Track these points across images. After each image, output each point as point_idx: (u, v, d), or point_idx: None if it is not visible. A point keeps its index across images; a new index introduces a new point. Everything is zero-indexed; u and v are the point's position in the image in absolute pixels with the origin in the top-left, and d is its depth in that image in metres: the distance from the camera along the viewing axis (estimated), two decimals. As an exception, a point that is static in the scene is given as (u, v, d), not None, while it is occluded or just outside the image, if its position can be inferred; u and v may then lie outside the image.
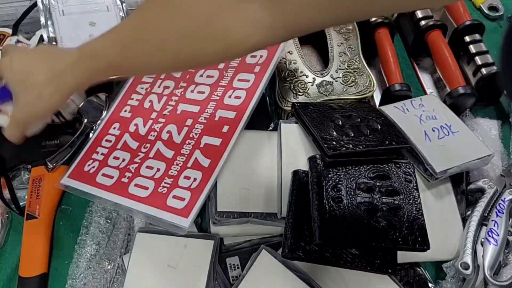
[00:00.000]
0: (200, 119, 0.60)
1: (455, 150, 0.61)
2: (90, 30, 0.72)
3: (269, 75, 0.60)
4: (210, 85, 0.63)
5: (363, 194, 0.53)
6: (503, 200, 0.60)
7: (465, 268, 0.55)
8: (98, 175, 0.60)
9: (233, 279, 0.57)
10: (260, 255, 0.54)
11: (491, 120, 0.71)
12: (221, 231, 0.58)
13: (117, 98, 0.67)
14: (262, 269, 0.53)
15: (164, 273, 0.55)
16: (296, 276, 0.52)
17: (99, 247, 0.61)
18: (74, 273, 0.60)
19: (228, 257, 0.58)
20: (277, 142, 0.61)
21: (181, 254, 0.56)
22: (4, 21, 0.77)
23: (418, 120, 0.64)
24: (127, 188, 0.57)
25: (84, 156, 0.63)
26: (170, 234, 0.56)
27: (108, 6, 0.75)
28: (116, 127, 0.64)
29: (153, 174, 0.57)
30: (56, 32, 0.71)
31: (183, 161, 0.57)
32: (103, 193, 0.58)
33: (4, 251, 0.64)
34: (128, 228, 0.62)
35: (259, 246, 0.55)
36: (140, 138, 0.62)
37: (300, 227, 0.52)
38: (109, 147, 0.62)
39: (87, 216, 0.64)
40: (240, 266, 0.58)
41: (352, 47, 0.71)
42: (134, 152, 0.61)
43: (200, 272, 0.55)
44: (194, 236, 0.57)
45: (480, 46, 0.72)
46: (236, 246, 0.60)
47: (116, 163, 0.60)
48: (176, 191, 0.55)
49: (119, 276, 0.59)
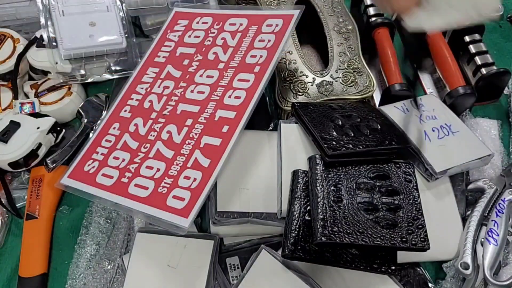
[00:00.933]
0: (200, 119, 0.60)
1: (455, 150, 0.61)
2: (90, 31, 0.72)
3: (269, 75, 0.60)
4: (210, 85, 0.63)
5: (363, 194, 0.53)
6: (503, 200, 0.60)
7: (465, 268, 0.55)
8: (98, 175, 0.60)
9: (233, 279, 0.57)
10: (260, 255, 0.54)
11: (491, 120, 0.71)
12: (221, 231, 0.58)
13: (117, 98, 0.67)
14: (262, 269, 0.53)
15: (164, 273, 0.55)
16: (296, 276, 0.52)
17: (99, 247, 0.61)
18: (74, 273, 0.60)
19: (228, 257, 0.58)
20: (277, 142, 0.61)
21: (181, 254, 0.56)
22: (4, 22, 0.77)
23: (418, 120, 0.64)
24: (127, 188, 0.57)
25: (84, 156, 0.63)
26: (170, 234, 0.56)
27: (108, 6, 0.75)
28: (116, 127, 0.64)
29: (153, 174, 0.57)
30: (56, 33, 0.71)
31: (183, 161, 0.57)
32: (103, 193, 0.58)
33: (4, 251, 0.64)
34: (128, 228, 0.63)
35: (259, 246, 0.55)
36: (140, 138, 0.62)
37: (300, 227, 0.52)
38: (109, 147, 0.62)
39: (87, 216, 0.64)
40: (240, 266, 0.58)
41: (352, 47, 0.71)
42: (134, 152, 0.61)
43: (200, 272, 0.55)
44: (194, 236, 0.57)
45: (480, 46, 0.73)
46: (236, 246, 0.60)
47: (116, 163, 0.60)
48: (176, 191, 0.55)
49: (119, 276, 0.59)
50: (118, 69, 0.73)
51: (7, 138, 0.65)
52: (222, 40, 0.67)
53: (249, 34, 0.65)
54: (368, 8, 0.77)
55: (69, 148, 0.67)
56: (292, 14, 0.64)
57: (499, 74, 0.69)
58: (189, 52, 0.68)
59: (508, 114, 0.73)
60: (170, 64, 0.68)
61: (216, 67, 0.65)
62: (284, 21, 0.64)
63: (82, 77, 0.72)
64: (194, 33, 0.70)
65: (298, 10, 0.63)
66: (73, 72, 0.71)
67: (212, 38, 0.68)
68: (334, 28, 0.72)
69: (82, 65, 0.71)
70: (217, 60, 0.65)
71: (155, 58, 0.69)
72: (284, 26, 0.63)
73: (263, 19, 0.66)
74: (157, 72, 0.68)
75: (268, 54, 0.62)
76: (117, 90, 0.70)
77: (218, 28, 0.68)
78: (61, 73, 0.71)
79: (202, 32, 0.69)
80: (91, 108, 0.72)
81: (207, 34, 0.69)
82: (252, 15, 0.67)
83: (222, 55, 0.65)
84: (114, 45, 0.73)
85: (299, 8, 0.64)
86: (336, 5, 0.75)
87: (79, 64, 0.71)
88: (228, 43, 0.66)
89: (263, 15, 0.66)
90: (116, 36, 0.73)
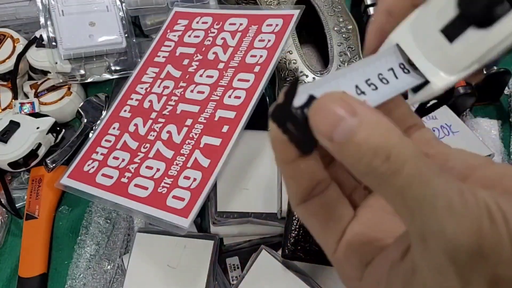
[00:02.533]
0: (200, 119, 0.60)
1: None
2: (90, 30, 0.72)
3: (269, 75, 0.60)
4: (210, 85, 0.63)
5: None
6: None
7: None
8: (98, 175, 0.60)
9: (233, 279, 0.57)
10: (260, 255, 0.54)
11: (491, 120, 0.71)
12: (221, 231, 0.58)
13: (117, 98, 0.67)
14: (262, 269, 0.53)
15: (164, 273, 0.55)
16: (297, 276, 0.52)
17: (99, 247, 0.61)
18: (74, 273, 0.60)
19: (228, 257, 0.58)
20: (277, 142, 0.60)
21: (181, 254, 0.56)
22: (4, 21, 0.77)
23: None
24: (127, 188, 0.57)
25: (84, 156, 0.62)
26: (170, 234, 0.56)
27: (108, 6, 0.75)
28: (116, 127, 0.64)
29: (152, 174, 0.57)
30: (55, 32, 0.71)
31: (183, 161, 0.57)
32: (102, 193, 0.58)
33: (4, 251, 0.64)
34: (128, 228, 0.62)
35: (259, 246, 0.55)
36: (140, 138, 0.62)
37: (301, 227, 0.52)
38: (109, 147, 0.62)
39: (87, 216, 0.64)
40: (240, 267, 0.58)
41: (352, 47, 0.71)
42: (133, 152, 0.60)
43: (200, 272, 0.54)
44: (194, 236, 0.57)
45: (480, 46, 0.72)
46: (236, 246, 0.59)
47: (116, 163, 0.60)
48: (176, 191, 0.55)
49: (119, 276, 0.59)
50: (118, 69, 0.73)
51: (7, 138, 0.65)
52: (222, 40, 0.67)
53: (249, 34, 0.65)
54: (368, 8, 0.77)
55: (69, 148, 0.67)
56: (292, 13, 0.64)
57: (499, 74, 0.69)
58: (189, 52, 0.68)
59: (508, 114, 0.73)
60: (170, 64, 0.68)
61: (216, 67, 0.65)
62: (284, 21, 0.64)
63: (81, 77, 0.72)
64: (194, 33, 0.70)
65: (298, 10, 0.63)
66: (72, 72, 0.71)
67: (212, 38, 0.68)
68: (334, 28, 0.72)
69: (82, 65, 0.71)
70: (217, 60, 0.65)
71: (155, 58, 0.69)
72: (284, 26, 0.63)
73: (263, 19, 0.66)
74: (157, 72, 0.68)
75: (268, 54, 0.62)
76: (117, 90, 0.70)
77: (218, 28, 0.68)
78: (60, 73, 0.71)
79: (202, 32, 0.69)
80: (91, 108, 0.71)
81: (207, 34, 0.68)
82: (252, 15, 0.67)
83: (222, 55, 0.65)
84: (114, 45, 0.72)
85: (299, 8, 0.63)
86: (336, 5, 0.75)
87: (79, 64, 0.71)
88: (228, 43, 0.66)
89: (263, 15, 0.66)
90: (116, 36, 0.73)
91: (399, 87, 0.25)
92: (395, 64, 0.25)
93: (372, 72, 0.24)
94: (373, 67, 0.24)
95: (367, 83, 0.24)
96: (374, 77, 0.24)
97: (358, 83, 0.23)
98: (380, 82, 0.24)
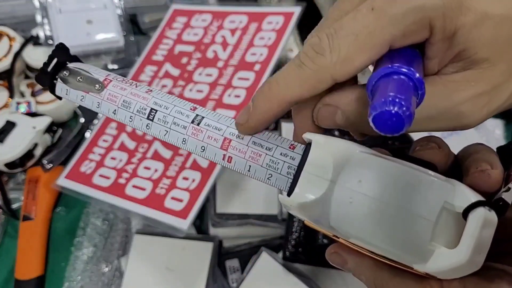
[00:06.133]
0: (199, 118, 0.59)
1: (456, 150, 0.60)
2: (87, 28, 0.72)
3: (269, 74, 0.60)
4: (209, 84, 0.62)
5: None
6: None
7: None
8: (95, 175, 0.59)
9: (232, 282, 0.57)
10: (260, 258, 0.53)
11: (495, 120, 0.70)
12: (221, 233, 0.58)
13: (115, 97, 0.67)
14: (263, 271, 0.53)
15: (162, 276, 0.54)
16: (297, 278, 0.52)
17: (96, 249, 0.61)
18: (71, 275, 0.59)
19: (228, 259, 0.58)
20: (278, 142, 0.60)
21: (179, 257, 0.55)
22: (0, 20, 0.77)
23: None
24: (124, 189, 0.56)
25: (81, 157, 0.62)
26: (169, 236, 0.55)
27: (105, 3, 0.74)
28: (113, 127, 0.64)
29: (150, 175, 0.57)
30: (52, 31, 0.71)
31: (181, 161, 0.57)
32: (100, 194, 0.57)
33: (0, 253, 0.63)
34: (126, 230, 0.62)
35: (259, 248, 0.54)
36: (138, 138, 0.61)
37: (301, 229, 0.52)
38: (106, 147, 0.62)
39: (84, 217, 0.63)
40: (240, 269, 0.57)
41: (353, 45, 0.70)
42: (131, 153, 0.60)
43: (199, 275, 0.54)
44: (192, 238, 0.57)
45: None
46: (236, 249, 0.59)
47: (113, 164, 0.59)
48: (174, 192, 0.54)
49: (117, 278, 0.58)
50: (116, 68, 0.73)
51: (3, 138, 0.65)
52: (221, 38, 0.66)
53: (249, 32, 0.65)
54: (370, 5, 0.76)
55: (66, 148, 0.66)
56: (293, 11, 0.63)
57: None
58: (188, 50, 0.67)
59: (512, 113, 0.72)
60: (169, 62, 0.67)
61: (216, 65, 0.64)
62: (285, 19, 0.63)
63: (79, 76, 0.71)
64: (193, 30, 0.69)
65: (299, 7, 0.63)
66: (70, 71, 0.70)
67: (211, 36, 0.67)
68: (335, 25, 0.72)
69: (79, 63, 0.71)
70: (216, 58, 0.64)
71: (153, 56, 0.69)
72: (285, 23, 0.63)
73: (263, 16, 0.65)
74: (155, 71, 0.67)
75: (269, 52, 0.62)
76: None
77: (217, 26, 0.68)
78: (58, 71, 0.70)
79: (201, 30, 0.68)
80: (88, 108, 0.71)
81: (206, 32, 0.68)
82: (252, 12, 0.67)
83: (221, 53, 0.65)
84: (111, 43, 0.72)
85: (300, 5, 0.63)
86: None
87: (76, 62, 0.71)
88: (228, 40, 0.65)
89: (263, 12, 0.66)
90: (114, 34, 0.72)
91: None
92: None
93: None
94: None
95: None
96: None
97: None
98: None
